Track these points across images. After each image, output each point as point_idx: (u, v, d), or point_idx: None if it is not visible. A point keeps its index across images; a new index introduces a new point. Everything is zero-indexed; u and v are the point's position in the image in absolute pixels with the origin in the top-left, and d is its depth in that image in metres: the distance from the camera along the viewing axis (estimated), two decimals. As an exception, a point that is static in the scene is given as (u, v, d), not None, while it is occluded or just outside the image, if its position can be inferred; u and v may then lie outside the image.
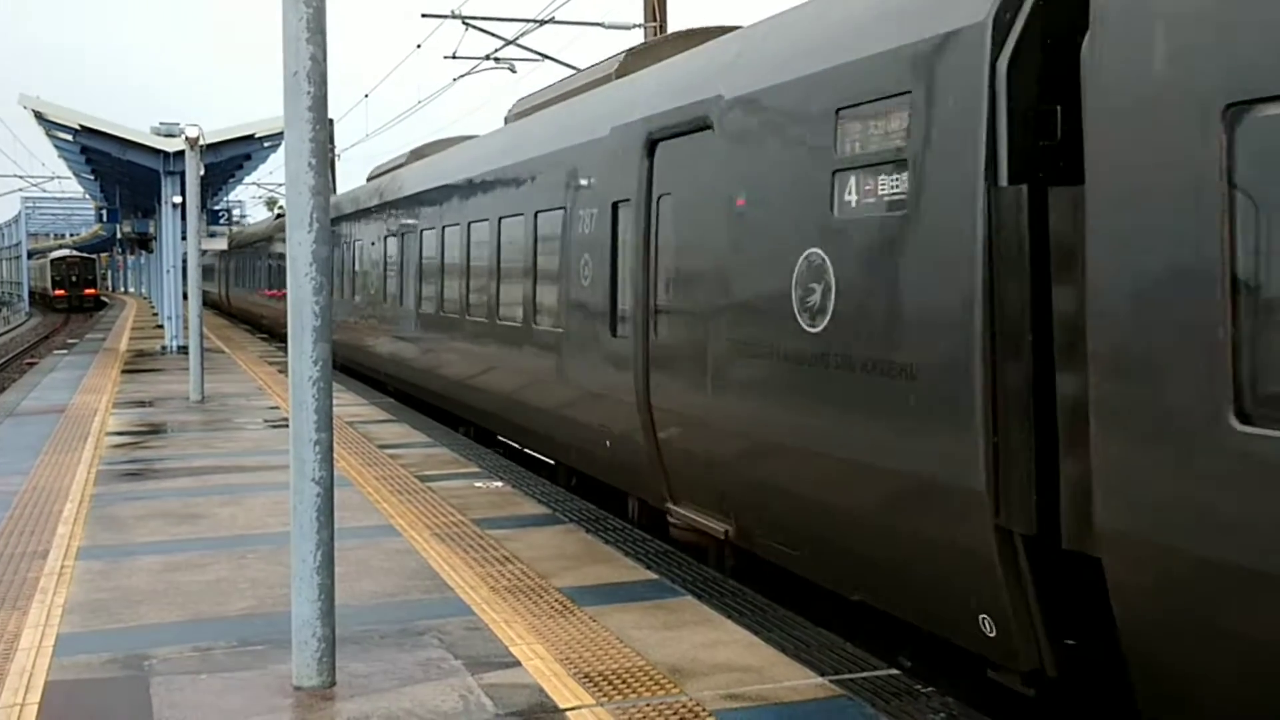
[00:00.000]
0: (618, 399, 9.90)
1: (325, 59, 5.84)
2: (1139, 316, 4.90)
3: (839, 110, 6.87)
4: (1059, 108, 5.51)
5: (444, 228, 15.95)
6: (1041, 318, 5.43)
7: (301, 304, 5.85)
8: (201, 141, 21.35)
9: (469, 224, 14.79)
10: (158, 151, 29.87)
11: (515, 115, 15.36)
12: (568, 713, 5.64)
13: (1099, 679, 5.62)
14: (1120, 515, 4.97)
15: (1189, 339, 4.66)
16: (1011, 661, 5.82)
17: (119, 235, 51.18)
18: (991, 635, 5.88)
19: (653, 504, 9.68)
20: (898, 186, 6.37)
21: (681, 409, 8.82)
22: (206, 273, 55.87)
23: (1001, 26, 5.67)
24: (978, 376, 5.68)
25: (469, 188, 14.99)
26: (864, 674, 6.28)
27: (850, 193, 6.77)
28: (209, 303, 53.02)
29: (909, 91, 6.24)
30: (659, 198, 9.26)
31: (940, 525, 6.00)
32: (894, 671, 6.34)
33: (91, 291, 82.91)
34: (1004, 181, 5.57)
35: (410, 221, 17.92)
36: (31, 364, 33.24)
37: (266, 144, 31.43)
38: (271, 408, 18.06)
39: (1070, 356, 5.28)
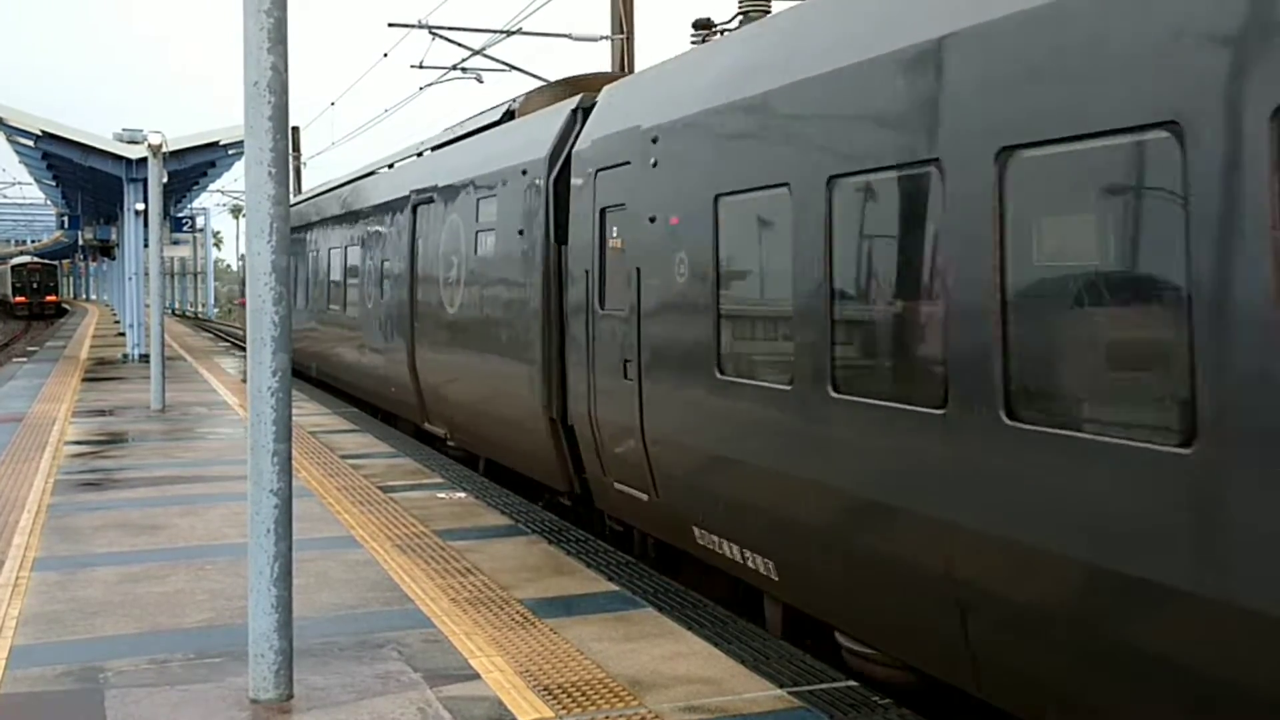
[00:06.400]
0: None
1: (286, 68, 5.82)
2: (574, 309, 10.17)
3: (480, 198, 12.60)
4: (567, 205, 10.46)
5: (320, 250, 22.56)
6: (559, 307, 10.67)
7: (260, 314, 5.82)
8: (165, 148, 21.22)
9: (328, 249, 21.54)
10: (120, 158, 29.68)
11: (357, 177, 21.81)
12: (526, 725, 5.63)
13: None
14: (574, 405, 10.22)
15: (581, 318, 10.03)
16: (564, 487, 10.86)
17: (81, 242, 50.80)
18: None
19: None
20: (519, 238, 11.51)
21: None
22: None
23: (553, 160, 10.76)
24: (538, 338, 10.85)
25: (327, 223, 21.96)
26: (822, 685, 6.29)
27: (489, 239, 12.40)
28: None
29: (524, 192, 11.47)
30: (418, 237, 15.40)
31: (528, 415, 11.19)
32: (852, 683, 6.36)
33: (53, 298, 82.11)
34: (553, 241, 10.79)
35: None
36: (-10, 372, 32.88)
37: (231, 151, 31.25)
38: (233, 417, 17.95)
39: (563, 330, 10.57)
